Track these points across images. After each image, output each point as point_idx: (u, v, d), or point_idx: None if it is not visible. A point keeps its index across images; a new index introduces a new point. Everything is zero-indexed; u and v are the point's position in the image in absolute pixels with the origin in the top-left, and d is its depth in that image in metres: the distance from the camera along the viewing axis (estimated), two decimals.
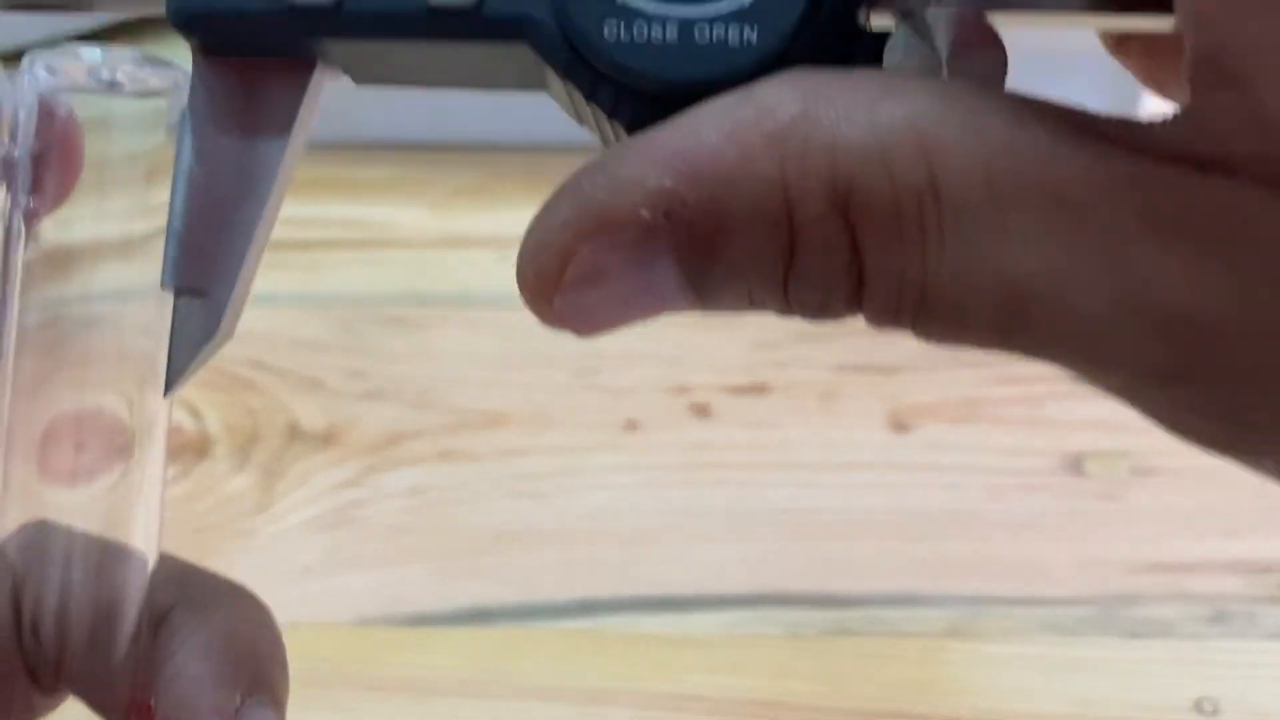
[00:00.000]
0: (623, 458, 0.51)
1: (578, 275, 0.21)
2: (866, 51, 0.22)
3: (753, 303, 0.21)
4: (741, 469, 0.52)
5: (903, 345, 0.27)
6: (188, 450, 0.52)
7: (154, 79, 0.25)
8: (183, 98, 0.24)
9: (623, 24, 0.22)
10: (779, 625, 0.47)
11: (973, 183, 0.19)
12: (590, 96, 0.23)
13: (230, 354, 0.29)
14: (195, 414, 0.52)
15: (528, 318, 0.28)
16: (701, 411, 0.54)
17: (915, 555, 0.49)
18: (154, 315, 0.26)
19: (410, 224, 0.30)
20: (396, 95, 0.30)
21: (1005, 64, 0.22)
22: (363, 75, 0.24)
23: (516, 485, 0.51)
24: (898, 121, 0.19)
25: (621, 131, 0.23)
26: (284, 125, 0.25)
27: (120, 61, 0.25)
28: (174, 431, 0.53)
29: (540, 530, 0.49)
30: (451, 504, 0.50)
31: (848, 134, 0.20)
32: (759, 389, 0.55)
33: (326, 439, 0.52)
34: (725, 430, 0.53)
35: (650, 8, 0.22)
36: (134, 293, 0.27)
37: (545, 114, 0.29)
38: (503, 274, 0.29)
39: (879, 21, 0.22)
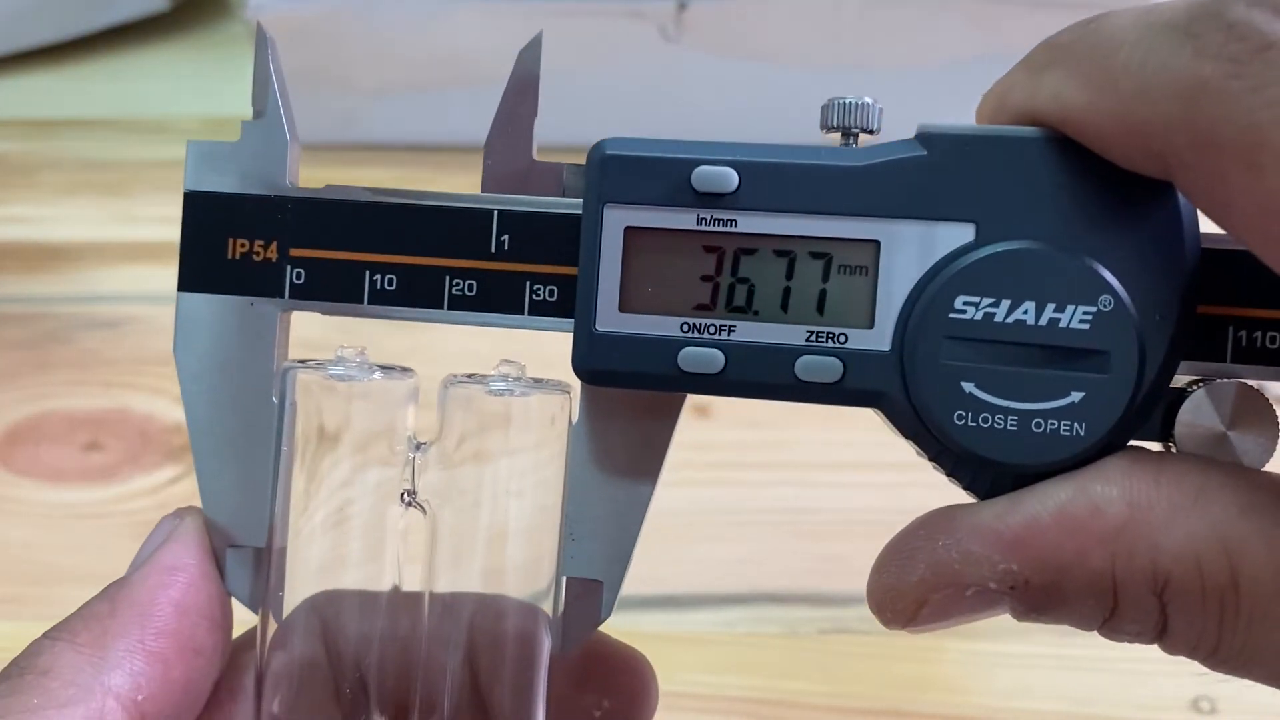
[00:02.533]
0: None
1: (927, 616, 0.26)
2: (1168, 407, 0.26)
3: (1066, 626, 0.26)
4: (741, 469, 0.53)
5: None
6: (189, 450, 0.52)
7: (551, 389, 0.29)
8: (567, 406, 0.29)
9: (971, 414, 0.26)
10: (777, 624, 0.47)
11: (1266, 581, 0.24)
12: (933, 459, 0.27)
13: None
14: None
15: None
16: (701, 411, 0.54)
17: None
18: None
19: None
20: (396, 96, 0.31)
21: (1276, 442, 0.26)
22: (714, 396, 0.28)
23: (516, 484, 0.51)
24: (1208, 532, 0.24)
25: (958, 483, 0.27)
26: (659, 445, 0.29)
27: (516, 384, 0.29)
28: (175, 431, 0.54)
29: None
30: None
31: (1166, 541, 0.24)
32: None
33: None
34: (725, 430, 0.54)
35: (996, 402, 0.26)
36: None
37: (545, 117, 0.29)
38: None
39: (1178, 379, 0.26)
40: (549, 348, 0.29)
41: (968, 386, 0.26)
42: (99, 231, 0.64)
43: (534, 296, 0.28)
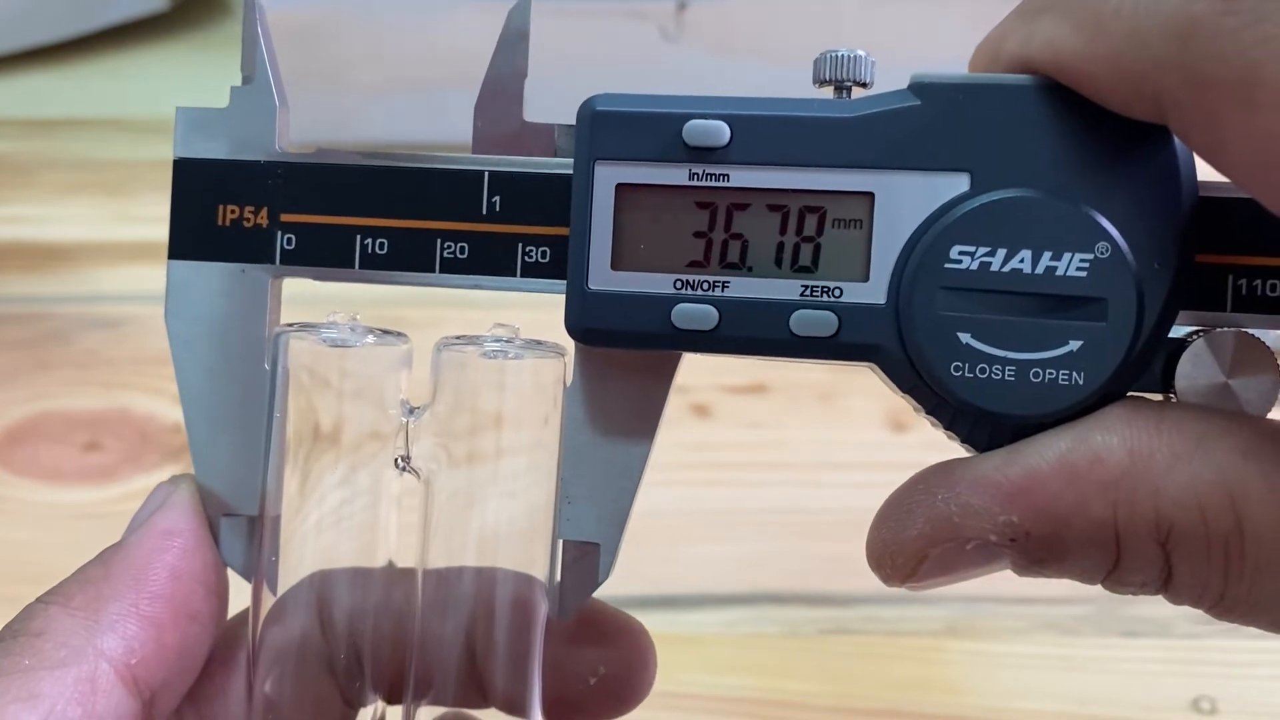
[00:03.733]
0: None
1: (927, 571, 0.26)
2: (1168, 357, 0.26)
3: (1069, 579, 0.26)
4: (741, 469, 0.53)
5: None
6: (189, 450, 0.52)
7: (545, 352, 0.29)
8: (561, 369, 0.29)
9: (968, 364, 0.25)
10: (777, 624, 0.47)
11: (1270, 526, 0.23)
12: (930, 412, 0.26)
13: None
14: None
15: (527, 318, 0.29)
16: (701, 411, 0.54)
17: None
18: None
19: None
20: (396, 96, 0.31)
21: (1277, 389, 0.26)
22: (710, 354, 0.28)
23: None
24: (1210, 477, 0.24)
25: (955, 437, 0.26)
26: (655, 405, 0.28)
27: (510, 346, 0.29)
28: (175, 431, 0.54)
29: None
30: None
31: (1169, 488, 0.24)
32: (758, 389, 0.55)
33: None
34: (725, 430, 0.54)
35: (993, 351, 0.25)
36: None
37: (546, 116, 0.29)
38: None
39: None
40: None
41: (964, 337, 0.25)
42: (99, 231, 0.64)
43: (526, 258, 0.28)
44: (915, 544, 0.26)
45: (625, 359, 0.28)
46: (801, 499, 0.51)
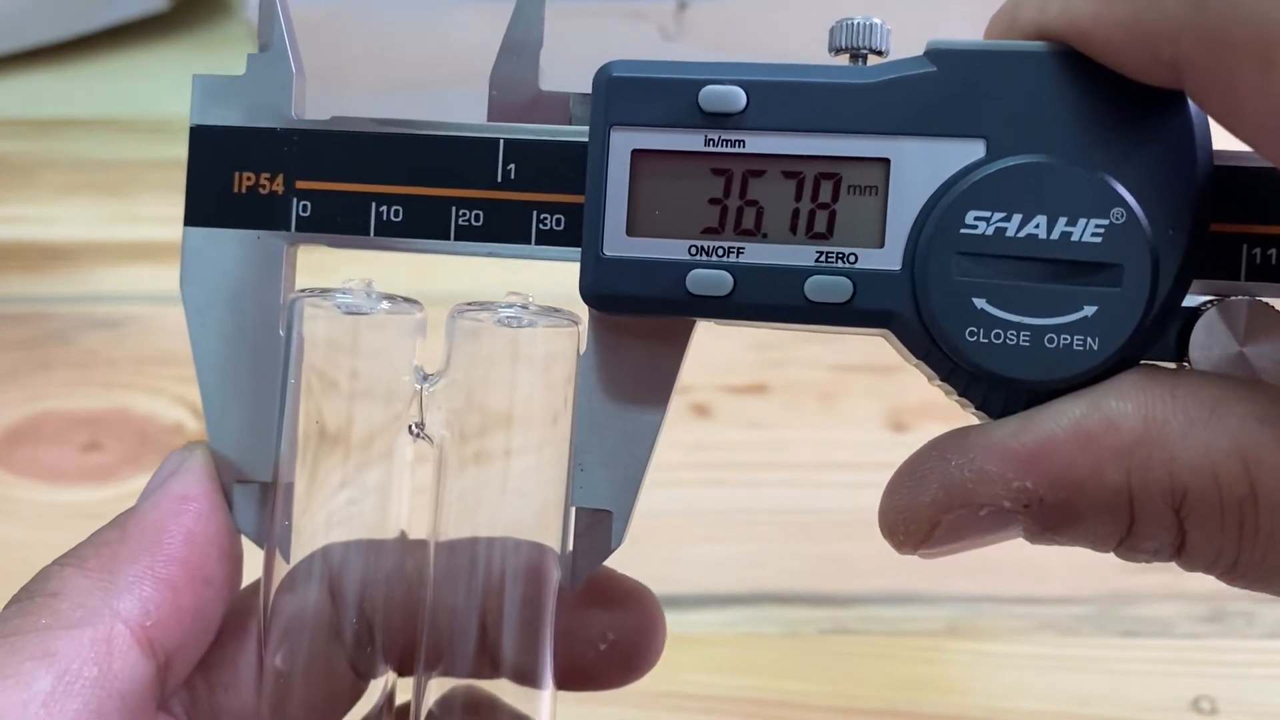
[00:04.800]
0: None
1: (939, 537, 0.26)
2: (1182, 326, 0.26)
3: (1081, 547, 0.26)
4: (741, 469, 0.53)
5: None
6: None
7: (559, 320, 0.29)
8: (575, 337, 0.29)
9: (983, 330, 0.25)
10: (778, 624, 0.47)
11: None
12: (945, 379, 0.26)
13: None
14: (197, 414, 0.53)
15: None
16: (701, 411, 0.54)
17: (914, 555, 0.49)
18: None
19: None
20: (396, 96, 0.31)
21: None
22: (725, 323, 0.28)
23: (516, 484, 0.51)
24: (1225, 443, 0.24)
25: (969, 404, 0.26)
26: (669, 373, 0.28)
27: (524, 313, 0.29)
28: (174, 431, 0.54)
29: None
30: None
31: (1183, 454, 0.24)
32: (759, 389, 0.55)
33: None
34: (725, 430, 0.54)
35: (1007, 317, 0.25)
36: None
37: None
38: (502, 275, 0.29)
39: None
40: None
41: (979, 302, 0.25)
42: (99, 231, 0.64)
43: (541, 226, 0.28)
44: (929, 510, 0.25)
45: (639, 326, 0.28)
46: (801, 499, 0.51)
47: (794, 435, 0.53)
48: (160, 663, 0.27)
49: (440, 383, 0.29)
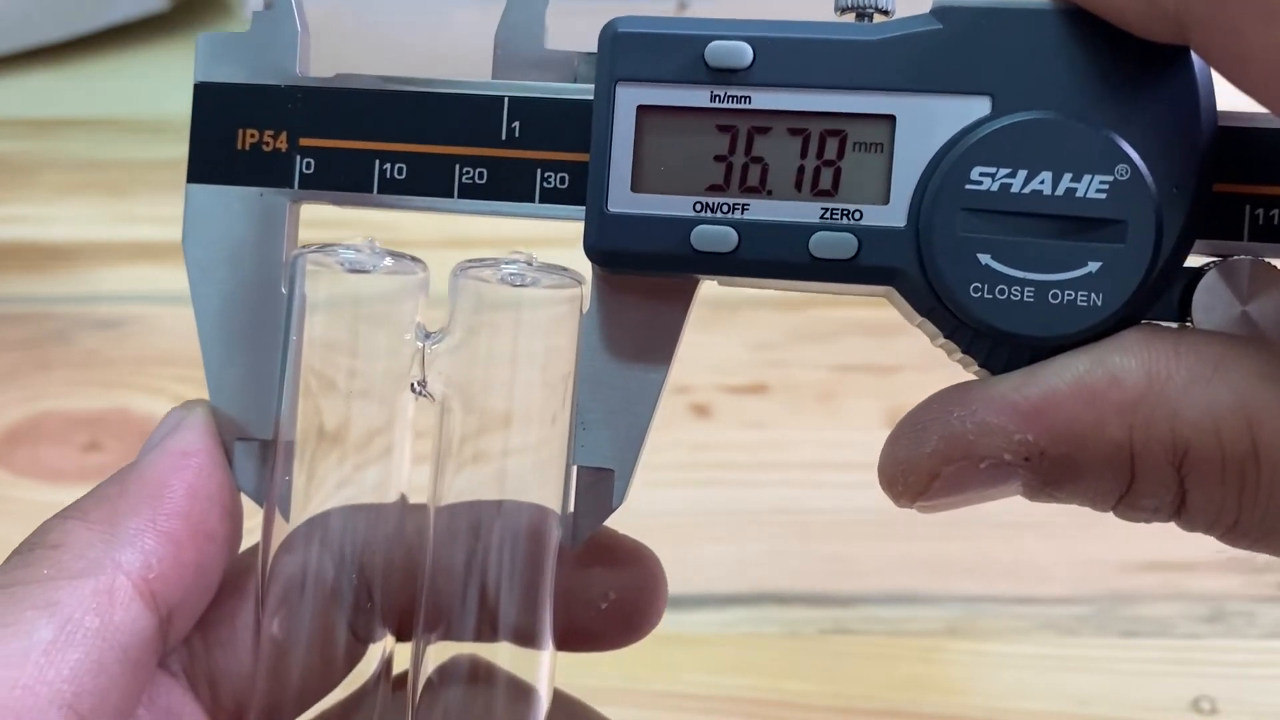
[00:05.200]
0: None
1: (939, 489, 0.26)
2: (1184, 287, 0.26)
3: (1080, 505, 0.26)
4: (741, 469, 0.53)
5: (901, 345, 0.27)
6: None
7: (563, 279, 0.28)
8: (579, 298, 0.28)
9: (987, 285, 0.25)
10: (778, 624, 0.47)
11: None
12: (949, 336, 0.26)
13: None
14: None
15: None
16: (701, 411, 0.54)
17: (914, 555, 0.49)
18: None
19: (412, 225, 0.30)
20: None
21: None
22: (728, 283, 0.28)
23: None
24: (1228, 400, 0.24)
25: (972, 362, 0.26)
26: (672, 331, 0.28)
27: (528, 269, 0.28)
28: None
29: None
30: None
31: (1186, 411, 0.24)
32: (759, 389, 0.55)
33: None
34: (725, 430, 0.54)
35: (1012, 273, 0.25)
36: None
37: None
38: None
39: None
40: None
41: (984, 258, 0.26)
42: (99, 231, 0.64)
43: (545, 184, 0.28)
44: (929, 461, 0.25)
45: (642, 285, 0.28)
46: (801, 499, 0.51)
47: (794, 435, 0.53)
48: (162, 616, 0.27)
49: (442, 340, 0.29)
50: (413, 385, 0.29)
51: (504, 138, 0.28)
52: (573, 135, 0.28)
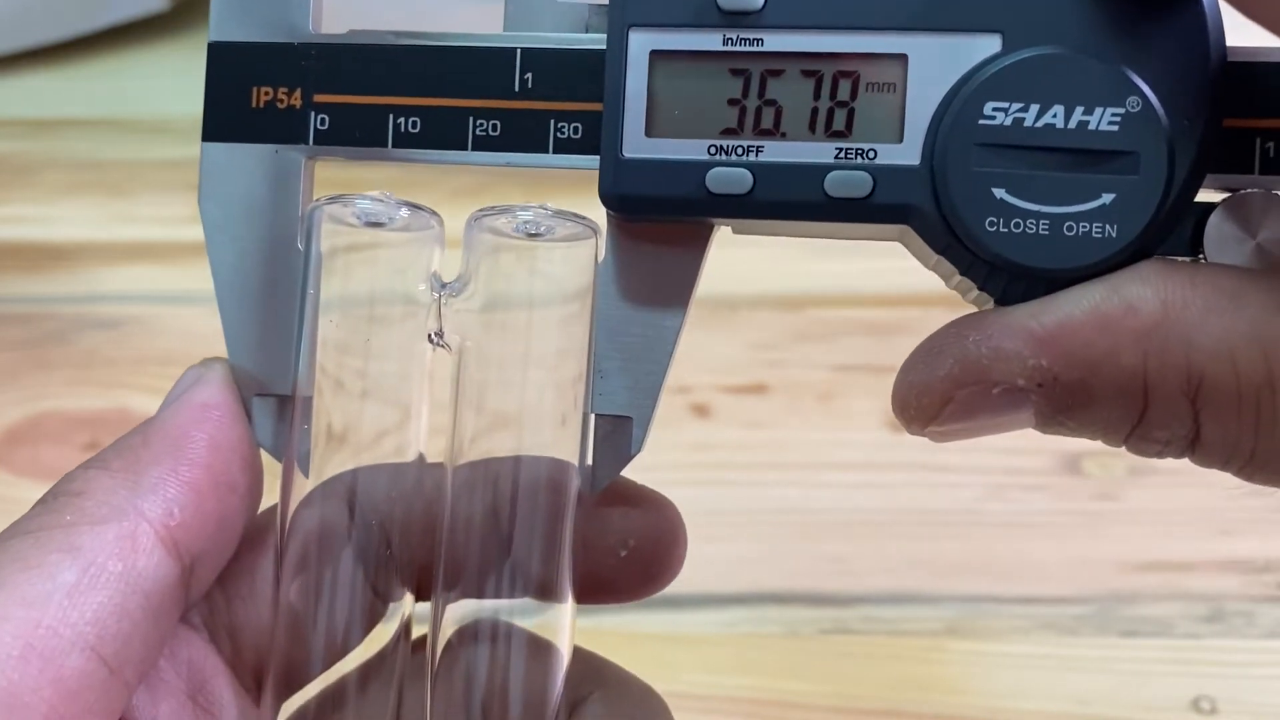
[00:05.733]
0: None
1: (950, 414, 0.26)
2: (1196, 223, 0.26)
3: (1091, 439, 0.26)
4: (741, 469, 0.53)
5: (901, 345, 0.27)
6: None
7: (578, 226, 0.28)
8: (594, 247, 0.28)
9: (1002, 219, 0.26)
10: (778, 624, 0.47)
11: None
12: (965, 272, 0.26)
13: None
14: None
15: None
16: (701, 411, 0.54)
17: (914, 555, 0.49)
18: None
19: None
20: None
21: None
22: (743, 229, 0.28)
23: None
24: (1244, 328, 0.24)
25: (988, 300, 0.27)
26: (688, 277, 0.28)
27: (543, 216, 0.28)
28: None
29: None
30: None
31: (1201, 339, 0.24)
32: (759, 389, 0.55)
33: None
34: (725, 430, 0.54)
35: (1026, 206, 0.26)
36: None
37: None
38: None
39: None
40: None
41: (999, 192, 0.26)
42: (99, 231, 0.64)
43: (559, 134, 0.28)
44: (942, 385, 0.26)
45: (658, 231, 0.28)
46: (801, 499, 0.51)
47: (794, 435, 0.53)
48: (184, 565, 0.27)
49: (459, 290, 0.29)
50: (430, 336, 0.29)
51: (517, 89, 0.28)
52: (585, 85, 0.28)
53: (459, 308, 0.29)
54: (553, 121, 0.28)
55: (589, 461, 0.29)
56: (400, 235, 0.29)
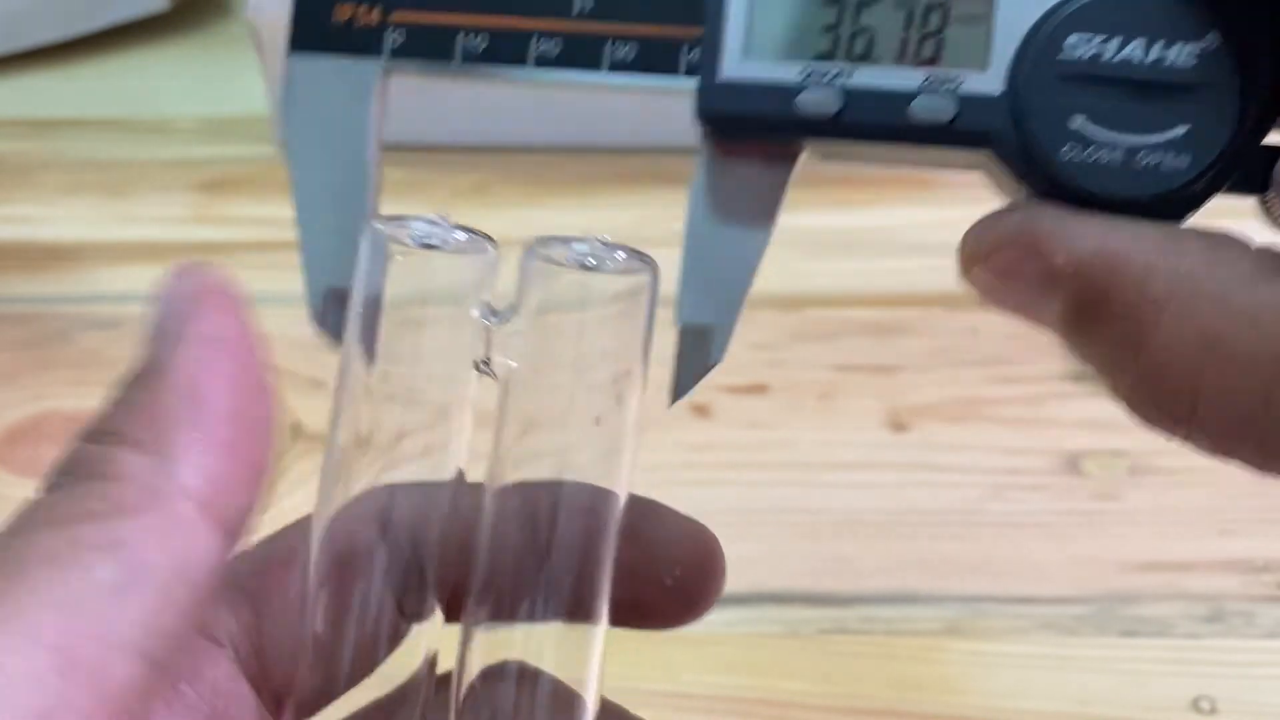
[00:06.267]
0: None
1: (994, 265, 0.27)
2: (1264, 166, 0.27)
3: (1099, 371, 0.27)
4: (741, 469, 0.53)
5: (902, 345, 0.27)
6: None
7: (634, 263, 0.29)
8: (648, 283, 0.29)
9: (1078, 147, 0.27)
10: (778, 624, 0.47)
11: None
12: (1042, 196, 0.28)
13: None
14: None
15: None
16: (701, 411, 0.54)
17: (914, 554, 0.49)
18: None
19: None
20: (396, 98, 0.31)
21: None
22: (828, 154, 0.29)
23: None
24: (1269, 299, 0.24)
25: None
26: (776, 195, 0.30)
27: (599, 249, 0.29)
28: None
29: None
30: None
31: (1230, 300, 0.25)
32: (759, 389, 0.55)
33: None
34: (725, 430, 0.54)
35: (1102, 135, 0.27)
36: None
37: (544, 116, 0.29)
38: (502, 275, 0.29)
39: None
40: None
41: (1076, 121, 0.27)
42: (99, 231, 0.64)
43: (615, 55, 0.29)
44: (999, 233, 0.27)
45: (748, 150, 0.29)
46: (801, 499, 0.51)
47: (794, 435, 0.53)
48: (228, 531, 0.25)
49: (509, 319, 0.29)
50: (476, 364, 0.29)
51: (575, 11, 0.30)
52: (640, 8, 0.29)
53: (509, 334, 0.29)
54: (610, 41, 0.29)
55: (628, 489, 0.29)
56: (454, 258, 0.29)
